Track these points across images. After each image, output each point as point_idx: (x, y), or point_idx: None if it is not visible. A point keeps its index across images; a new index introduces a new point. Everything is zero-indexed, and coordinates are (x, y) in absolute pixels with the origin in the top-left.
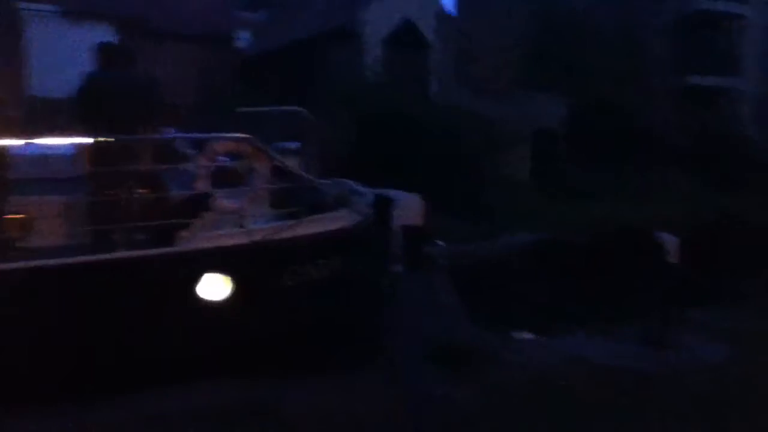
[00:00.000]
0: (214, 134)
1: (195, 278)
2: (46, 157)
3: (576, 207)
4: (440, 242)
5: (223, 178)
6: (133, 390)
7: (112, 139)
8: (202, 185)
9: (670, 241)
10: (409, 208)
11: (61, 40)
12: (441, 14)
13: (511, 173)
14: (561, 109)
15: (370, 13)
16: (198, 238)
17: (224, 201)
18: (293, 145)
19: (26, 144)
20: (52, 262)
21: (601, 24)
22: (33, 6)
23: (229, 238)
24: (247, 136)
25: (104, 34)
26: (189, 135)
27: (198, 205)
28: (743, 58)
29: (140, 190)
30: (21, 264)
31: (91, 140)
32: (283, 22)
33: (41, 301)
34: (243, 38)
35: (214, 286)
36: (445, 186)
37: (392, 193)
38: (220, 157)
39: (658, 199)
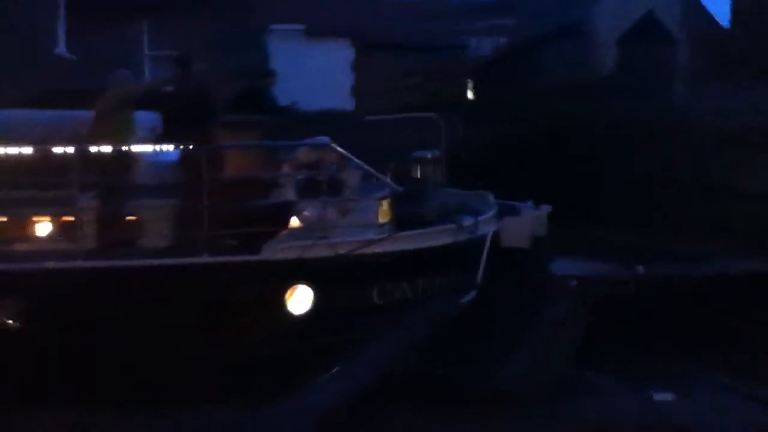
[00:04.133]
0: (297, 142)
1: (276, 287)
2: (156, 164)
3: None
4: (639, 267)
5: (317, 188)
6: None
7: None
8: (286, 194)
9: None
10: (520, 227)
11: (302, 55)
12: (690, 5)
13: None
14: None
15: (605, 7)
16: (281, 248)
17: (309, 211)
18: (429, 154)
19: (145, 151)
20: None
21: None
22: (280, 26)
23: (312, 249)
24: (327, 143)
25: (341, 50)
26: (269, 143)
27: (283, 214)
28: None
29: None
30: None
31: (190, 148)
32: (528, 25)
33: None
34: (481, 45)
35: (298, 298)
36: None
37: (517, 207)
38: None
39: None
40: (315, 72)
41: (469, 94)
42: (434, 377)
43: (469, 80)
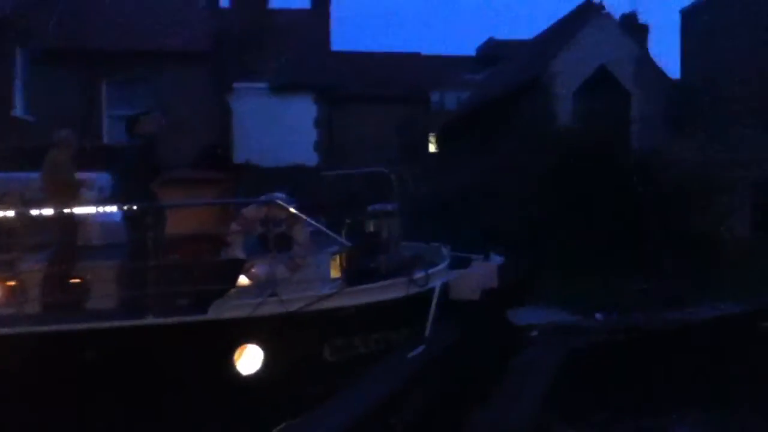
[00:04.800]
0: (246, 199)
1: (225, 348)
2: (103, 224)
3: None
4: (598, 315)
5: (266, 245)
6: None
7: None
8: (233, 251)
9: None
10: (469, 279)
11: (264, 112)
12: (641, 59)
13: (726, 227)
14: None
15: (561, 63)
16: (229, 307)
17: (257, 268)
18: (390, 207)
19: (91, 211)
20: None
21: None
22: (244, 84)
23: (261, 307)
24: (274, 201)
25: (304, 104)
26: (215, 201)
27: (232, 271)
28: None
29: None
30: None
31: (133, 207)
32: (492, 80)
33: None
34: (447, 99)
35: (247, 358)
36: (635, 242)
37: (468, 259)
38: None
39: None
40: (279, 127)
41: (432, 147)
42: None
43: (434, 133)
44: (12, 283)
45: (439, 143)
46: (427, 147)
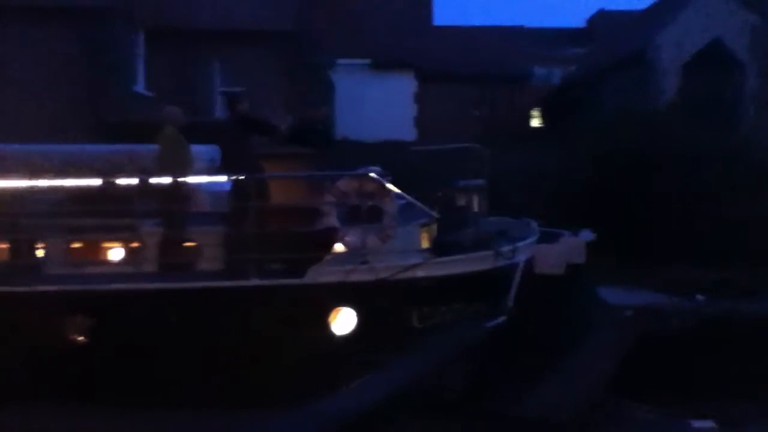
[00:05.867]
0: (339, 172)
1: (319, 309)
2: (213, 193)
3: None
4: (700, 296)
5: (358, 215)
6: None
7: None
8: (328, 221)
9: None
10: (554, 254)
11: (364, 87)
12: (760, 30)
13: None
14: None
15: (669, 36)
16: (324, 272)
17: (350, 237)
18: (477, 183)
19: (203, 181)
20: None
21: None
22: (346, 60)
23: (353, 273)
24: (368, 173)
25: (404, 80)
26: (311, 174)
27: (327, 239)
28: None
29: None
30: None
31: (238, 178)
32: (595, 54)
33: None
34: (552, 73)
35: (340, 321)
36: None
37: (555, 234)
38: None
39: None
40: (379, 103)
41: (534, 123)
42: (468, 399)
43: (536, 109)
44: (133, 245)
45: (542, 119)
46: (528, 123)
